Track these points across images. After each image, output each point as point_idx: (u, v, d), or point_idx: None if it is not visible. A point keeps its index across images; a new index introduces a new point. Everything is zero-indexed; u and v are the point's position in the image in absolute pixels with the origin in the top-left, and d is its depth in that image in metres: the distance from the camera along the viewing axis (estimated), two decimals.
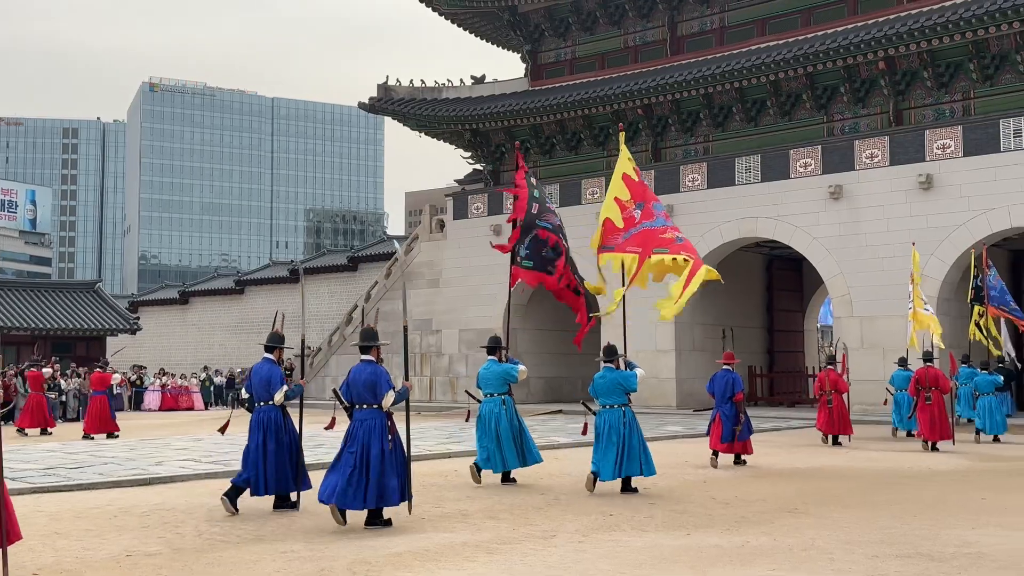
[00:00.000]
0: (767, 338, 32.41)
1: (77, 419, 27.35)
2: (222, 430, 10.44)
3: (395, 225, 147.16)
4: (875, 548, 7.86)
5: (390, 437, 8.92)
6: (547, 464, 13.22)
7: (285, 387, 9.85)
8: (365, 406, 8.98)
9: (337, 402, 9.22)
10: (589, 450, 16.15)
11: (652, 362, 26.71)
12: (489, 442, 11.95)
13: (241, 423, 10.56)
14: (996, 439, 18.86)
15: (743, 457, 14.37)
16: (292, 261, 50.41)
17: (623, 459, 11.07)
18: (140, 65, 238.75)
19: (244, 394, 10.25)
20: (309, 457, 11.10)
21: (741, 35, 29.13)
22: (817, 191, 25.82)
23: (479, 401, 12.25)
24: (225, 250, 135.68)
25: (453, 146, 35.10)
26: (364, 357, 9.19)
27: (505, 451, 11.94)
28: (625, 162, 12.87)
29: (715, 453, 14.15)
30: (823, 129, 27.08)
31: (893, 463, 14.72)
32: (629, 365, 11.55)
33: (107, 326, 39.13)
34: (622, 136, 13.63)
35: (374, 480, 8.74)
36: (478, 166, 35.10)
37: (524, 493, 11.24)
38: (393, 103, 33.71)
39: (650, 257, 11.95)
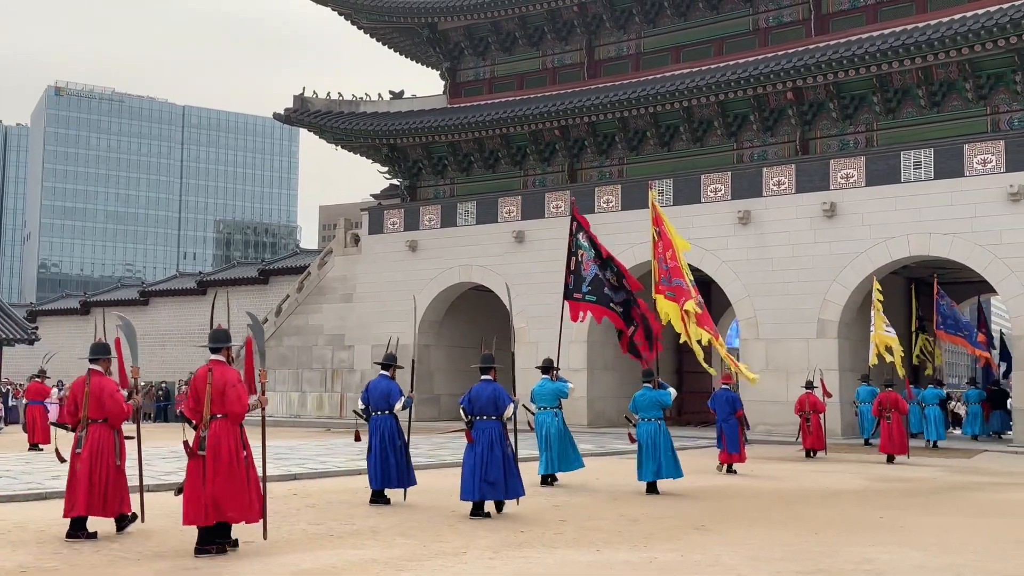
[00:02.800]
0: (676, 359, 32.96)
1: None
2: (357, 438, 12.04)
3: (309, 238, 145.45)
4: (778, 564, 8.05)
5: (508, 442, 10.67)
6: (445, 479, 13.17)
7: (403, 398, 11.60)
8: (486, 417, 10.68)
9: (463, 415, 10.89)
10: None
11: None
12: (544, 448, 13.87)
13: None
14: (935, 444, 22.61)
15: (735, 467, 16.52)
16: (200, 272, 49.30)
17: (660, 464, 13.00)
18: (46, 69, 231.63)
19: (360, 405, 11.90)
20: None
21: (656, 61, 29.74)
22: (727, 216, 26.44)
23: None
24: (130, 260, 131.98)
25: (370, 160, 34.90)
26: (484, 377, 10.98)
27: (555, 455, 13.85)
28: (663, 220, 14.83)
29: (720, 465, 16.43)
30: (733, 156, 27.79)
31: (796, 482, 15.11)
32: (662, 385, 13.43)
33: (3, 335, 37.61)
34: (653, 194, 15.48)
35: (499, 478, 10.40)
36: (395, 181, 34.98)
37: (435, 511, 11.19)
38: (309, 115, 33.39)
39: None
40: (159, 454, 17.88)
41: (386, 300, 32.36)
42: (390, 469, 11.39)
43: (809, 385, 21.00)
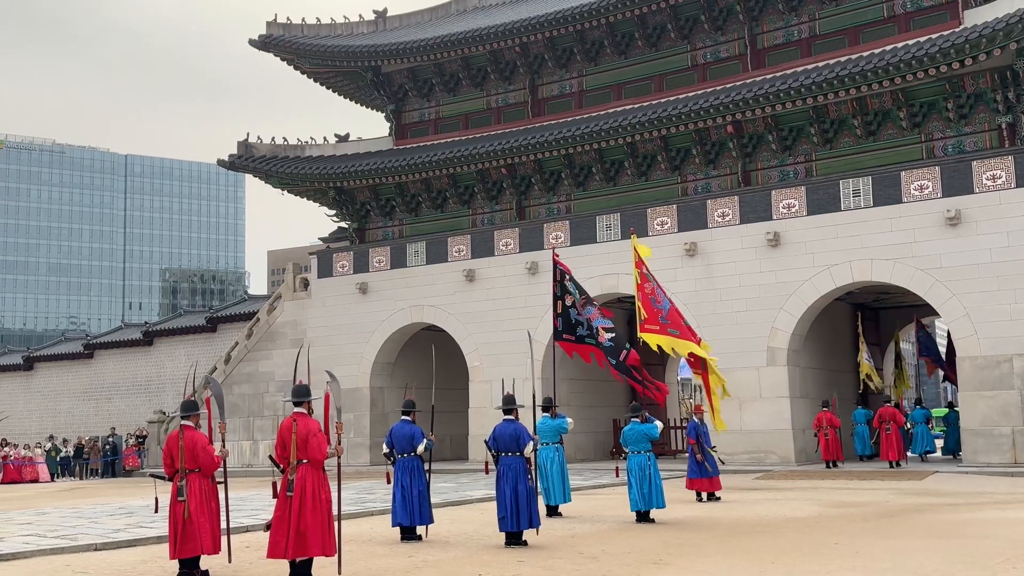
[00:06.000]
0: (630, 391, 33.07)
1: None
2: (388, 480, 12.63)
3: (257, 284, 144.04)
4: None
5: (530, 477, 11.65)
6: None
7: (425, 441, 12.35)
8: (510, 454, 11.74)
9: (488, 451, 11.93)
10: (462, 509, 16.01)
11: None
12: (546, 481, 14.76)
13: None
14: (925, 457, 26.21)
15: (704, 495, 17.20)
16: (146, 323, 48.46)
17: (649, 494, 13.87)
18: None
19: (385, 448, 12.69)
20: None
21: (599, 99, 30.13)
22: (674, 248, 26.71)
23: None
24: (74, 313, 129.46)
25: (318, 204, 34.75)
26: (506, 417, 12.00)
27: (555, 488, 14.85)
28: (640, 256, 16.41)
29: (711, 493, 17.20)
30: (678, 189, 28.14)
31: (751, 511, 15.16)
32: (649, 419, 14.40)
33: None
34: (635, 239, 17.17)
35: (525, 509, 11.46)
36: (343, 224, 34.84)
37: (392, 556, 11.04)
38: (254, 160, 33.20)
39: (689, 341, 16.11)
40: (107, 511, 17.44)
41: (338, 343, 32.09)
42: (415, 507, 12.18)
43: (825, 404, 24.33)
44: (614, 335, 15.32)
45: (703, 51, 28.62)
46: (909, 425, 27.09)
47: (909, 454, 26.42)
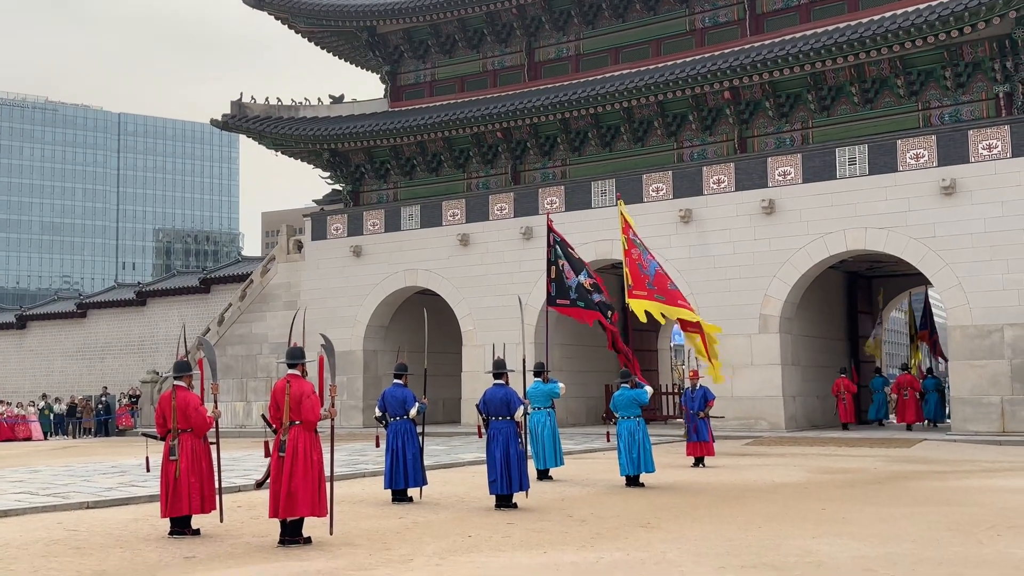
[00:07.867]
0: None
1: None
2: (377, 444, 13.11)
3: (251, 246, 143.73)
4: (722, 559, 8.14)
5: (520, 440, 11.73)
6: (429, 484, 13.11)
7: (418, 404, 12.48)
8: (500, 418, 11.80)
9: (479, 415, 11.99)
10: (453, 472, 16.11)
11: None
12: (537, 445, 14.79)
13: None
14: (935, 424, 26.79)
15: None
16: (139, 283, 48.39)
17: (638, 458, 13.98)
18: None
19: (377, 412, 12.78)
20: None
21: (596, 63, 29.92)
22: (668, 215, 26.67)
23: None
24: (67, 272, 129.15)
25: (312, 166, 34.59)
26: (497, 381, 12.02)
27: (547, 452, 14.94)
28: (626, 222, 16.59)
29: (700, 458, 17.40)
30: (674, 155, 28.04)
31: (740, 477, 15.29)
32: (639, 385, 14.45)
33: None
34: (621, 204, 17.58)
35: (515, 472, 11.54)
36: (338, 186, 34.70)
37: (383, 517, 11.12)
38: (248, 121, 32.98)
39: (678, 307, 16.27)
40: (99, 470, 17.52)
41: (331, 306, 32.10)
42: (408, 470, 12.30)
43: (843, 371, 26.49)
44: (601, 298, 15.38)
45: (701, 15, 28.39)
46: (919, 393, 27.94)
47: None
